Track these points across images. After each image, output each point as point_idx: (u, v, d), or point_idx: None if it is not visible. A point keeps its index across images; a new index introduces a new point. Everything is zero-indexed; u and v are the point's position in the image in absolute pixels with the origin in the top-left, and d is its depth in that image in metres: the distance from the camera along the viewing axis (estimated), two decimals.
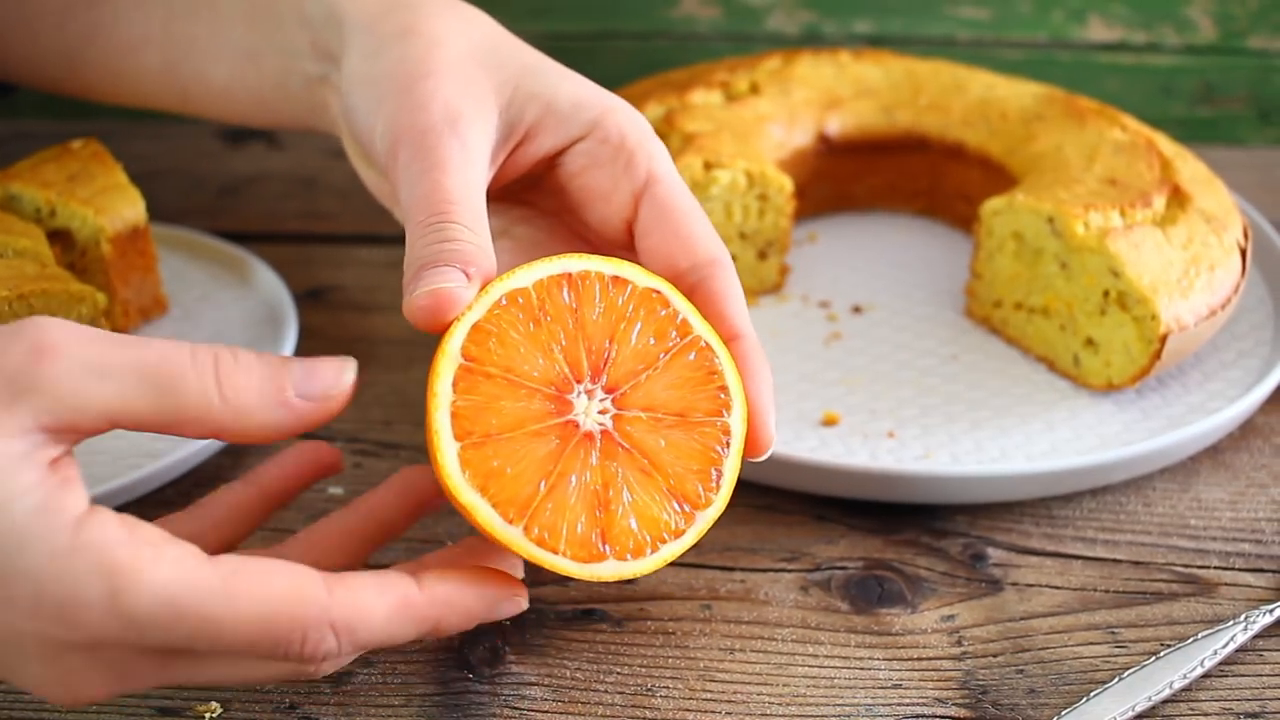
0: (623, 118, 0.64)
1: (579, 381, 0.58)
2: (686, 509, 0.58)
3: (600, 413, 0.58)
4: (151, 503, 0.72)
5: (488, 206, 0.64)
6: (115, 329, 0.79)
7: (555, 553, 0.56)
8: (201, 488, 0.72)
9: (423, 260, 0.57)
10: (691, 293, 0.62)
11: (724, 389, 0.60)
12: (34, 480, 0.50)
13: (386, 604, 0.53)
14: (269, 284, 0.85)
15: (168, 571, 0.50)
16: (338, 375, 0.55)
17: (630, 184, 0.63)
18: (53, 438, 0.51)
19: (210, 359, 0.53)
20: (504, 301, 0.57)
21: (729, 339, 0.61)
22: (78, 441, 0.52)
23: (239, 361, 0.53)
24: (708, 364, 0.60)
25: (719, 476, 0.59)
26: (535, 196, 0.67)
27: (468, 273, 0.56)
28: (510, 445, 0.56)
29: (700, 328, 0.60)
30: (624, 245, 0.65)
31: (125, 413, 0.52)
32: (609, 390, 0.58)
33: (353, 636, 0.53)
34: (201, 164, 1.00)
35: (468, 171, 0.60)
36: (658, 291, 0.60)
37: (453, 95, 0.62)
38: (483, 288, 0.57)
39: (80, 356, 0.51)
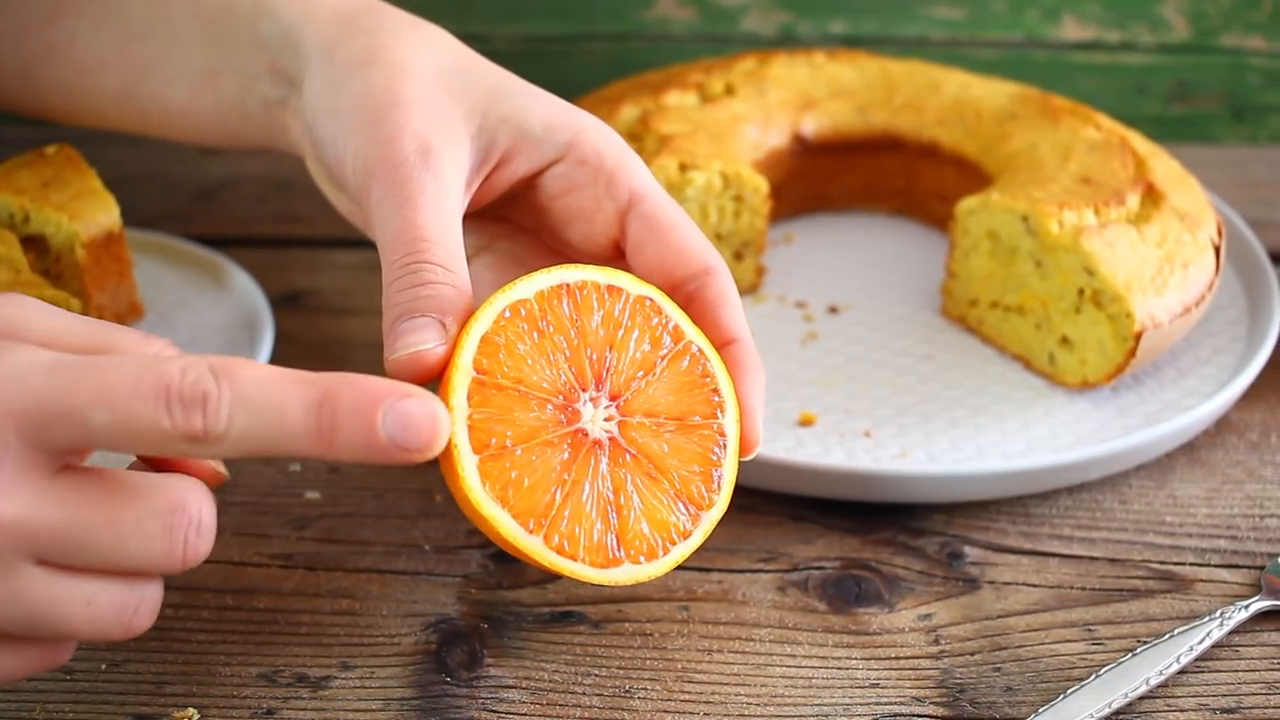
0: (597, 136, 0.64)
1: (584, 390, 0.59)
2: (692, 510, 0.60)
3: (606, 420, 0.59)
4: None
5: (466, 225, 0.65)
6: None
7: (575, 560, 0.58)
8: None
9: (399, 310, 0.58)
10: (689, 302, 0.63)
11: (717, 392, 0.61)
12: None
13: (268, 367, 0.52)
14: (244, 288, 0.84)
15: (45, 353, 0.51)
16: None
17: (613, 203, 0.64)
18: None
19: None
20: (508, 313, 0.58)
21: (726, 343, 0.62)
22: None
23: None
24: (701, 368, 0.61)
25: (719, 477, 0.60)
26: (512, 213, 0.67)
27: (444, 321, 0.57)
28: (526, 456, 0.57)
29: (692, 333, 0.61)
30: (606, 259, 0.65)
31: (58, 335, 0.53)
32: (612, 397, 0.59)
33: (231, 378, 0.50)
34: (176, 169, 0.99)
35: (442, 204, 0.60)
36: (650, 299, 0.61)
37: (423, 126, 0.61)
38: (464, 325, 0.58)
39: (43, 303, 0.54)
